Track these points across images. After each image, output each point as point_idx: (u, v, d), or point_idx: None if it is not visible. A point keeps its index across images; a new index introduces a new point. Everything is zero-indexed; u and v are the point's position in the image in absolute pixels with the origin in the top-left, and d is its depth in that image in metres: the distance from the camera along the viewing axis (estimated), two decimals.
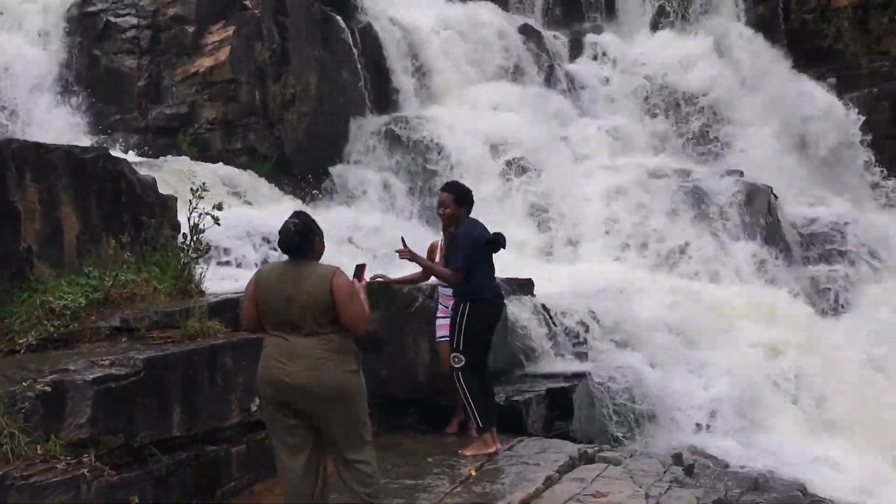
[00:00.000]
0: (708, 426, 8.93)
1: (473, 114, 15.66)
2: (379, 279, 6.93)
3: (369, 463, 4.62)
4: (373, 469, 4.64)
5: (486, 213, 14.00)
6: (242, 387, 5.68)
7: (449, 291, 6.86)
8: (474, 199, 6.92)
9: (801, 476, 7.91)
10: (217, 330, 5.89)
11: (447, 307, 6.91)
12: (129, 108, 13.07)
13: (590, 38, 18.93)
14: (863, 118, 17.71)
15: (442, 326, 7.04)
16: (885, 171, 17.58)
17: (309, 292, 4.54)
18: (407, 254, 6.63)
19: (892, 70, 18.14)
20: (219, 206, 7.13)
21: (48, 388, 4.70)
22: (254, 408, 5.79)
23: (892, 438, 10.01)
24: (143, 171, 7.73)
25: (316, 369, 4.48)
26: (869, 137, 17.70)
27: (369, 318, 4.79)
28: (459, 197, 6.78)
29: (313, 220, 4.82)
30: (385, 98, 15.37)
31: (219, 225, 7.08)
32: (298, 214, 4.84)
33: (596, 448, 6.34)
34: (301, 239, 4.66)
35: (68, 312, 5.88)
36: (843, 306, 12.38)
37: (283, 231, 4.70)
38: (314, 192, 13.64)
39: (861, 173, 17.79)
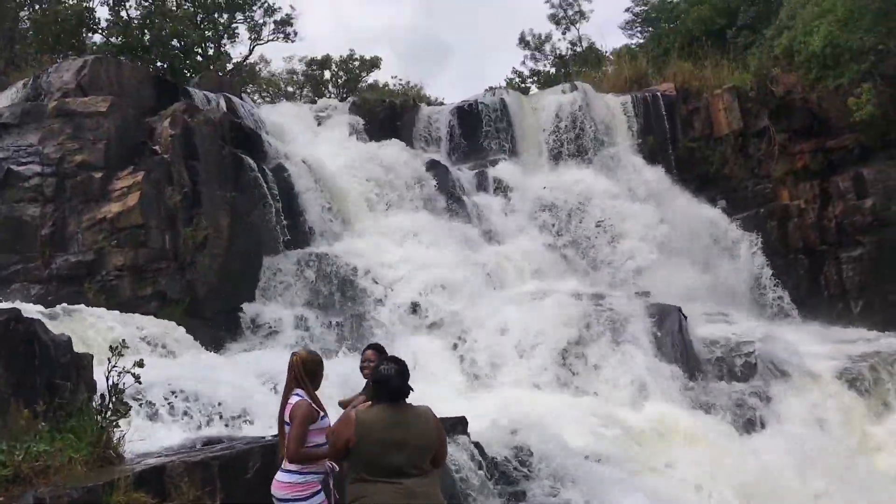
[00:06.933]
0: None
1: (387, 246, 15.81)
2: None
3: None
4: None
5: (407, 345, 14.09)
6: None
7: None
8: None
9: None
10: (143, 502, 5.49)
11: None
12: (32, 258, 12.54)
13: (493, 171, 19.64)
14: (754, 237, 18.83)
15: None
16: (778, 286, 18.56)
17: (419, 436, 4.75)
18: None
19: (775, 191, 19.45)
20: (139, 364, 6.83)
21: None
22: None
23: None
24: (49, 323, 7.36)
25: None
26: (760, 254, 18.74)
27: None
28: (385, 356, 7.17)
29: (404, 362, 5.01)
30: (298, 233, 15.36)
31: (140, 384, 6.75)
32: (395, 360, 5.00)
33: None
34: (403, 384, 4.86)
35: None
36: (759, 422, 12.63)
37: (386, 380, 4.84)
38: (228, 334, 13.31)
39: (756, 289, 18.71)
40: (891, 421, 13.28)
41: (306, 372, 5.76)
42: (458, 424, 8.74)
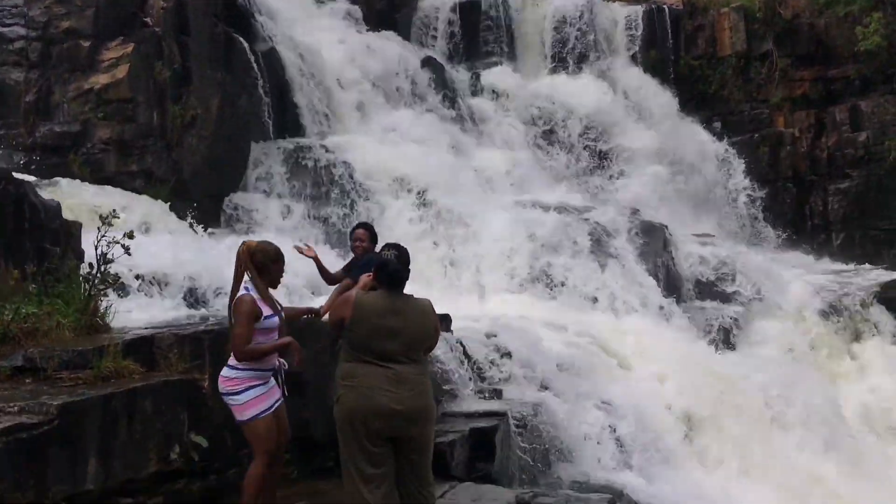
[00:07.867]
0: (616, 461, 9.06)
1: (377, 142, 15.57)
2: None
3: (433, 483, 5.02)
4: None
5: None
6: (161, 433, 5.30)
7: None
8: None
9: None
10: (132, 370, 5.50)
11: None
12: (15, 124, 12.18)
13: (489, 73, 19.24)
14: (744, 161, 18.80)
15: None
16: (764, 212, 18.66)
17: (416, 326, 4.77)
18: (311, 252, 7.17)
19: (771, 116, 19.33)
20: (129, 235, 6.74)
21: None
22: (173, 455, 5.43)
23: (781, 473, 10.48)
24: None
25: (422, 393, 4.73)
26: (750, 179, 18.76)
27: None
28: (373, 235, 7.40)
29: (405, 248, 4.96)
30: (288, 123, 15.04)
31: (129, 255, 6.68)
32: (395, 246, 4.94)
33: (530, 493, 6.27)
34: (404, 272, 4.84)
35: None
36: (733, 342, 12.88)
37: (386, 265, 4.80)
38: (212, 219, 13.16)
39: (742, 213, 18.81)
40: (861, 352, 13.63)
41: (254, 265, 5.12)
42: (443, 321, 8.78)
